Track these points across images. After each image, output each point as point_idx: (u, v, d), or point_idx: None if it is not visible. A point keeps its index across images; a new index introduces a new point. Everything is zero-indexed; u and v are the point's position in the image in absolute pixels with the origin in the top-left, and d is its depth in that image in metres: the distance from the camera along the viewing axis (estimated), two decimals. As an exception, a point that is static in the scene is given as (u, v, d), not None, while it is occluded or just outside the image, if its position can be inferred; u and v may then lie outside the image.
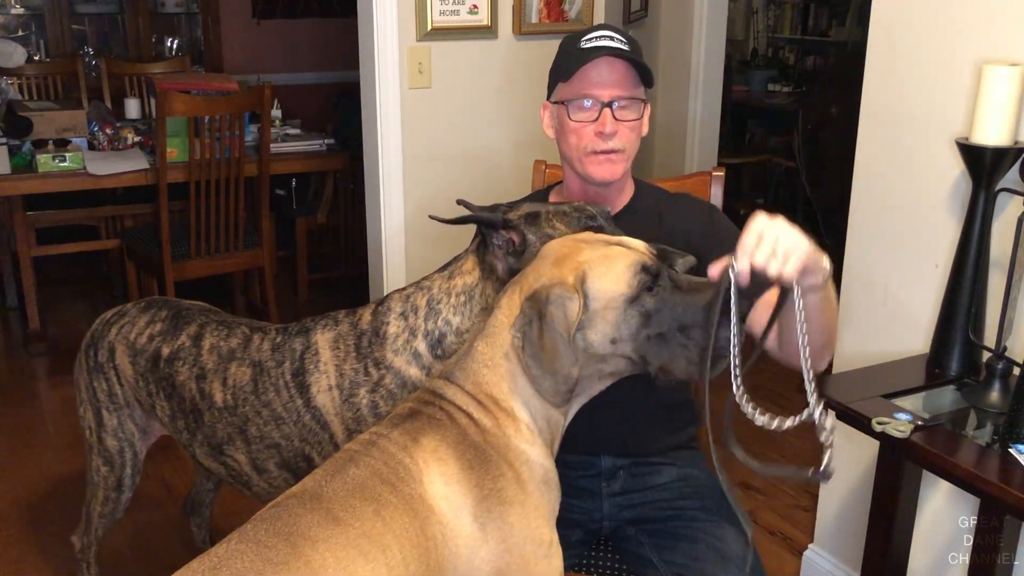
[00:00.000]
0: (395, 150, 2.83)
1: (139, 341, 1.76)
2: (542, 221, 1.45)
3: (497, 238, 1.46)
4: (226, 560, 1.05)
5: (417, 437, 1.20)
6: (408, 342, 1.49)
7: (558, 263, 1.24)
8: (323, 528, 1.09)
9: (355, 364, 1.51)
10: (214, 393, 1.63)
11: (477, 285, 1.48)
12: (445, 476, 1.17)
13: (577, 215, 1.46)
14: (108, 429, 1.86)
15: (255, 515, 1.14)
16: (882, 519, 1.72)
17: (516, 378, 1.24)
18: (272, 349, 1.59)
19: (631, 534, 1.67)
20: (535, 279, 1.25)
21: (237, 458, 1.65)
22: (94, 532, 2.00)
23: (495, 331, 1.26)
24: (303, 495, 1.14)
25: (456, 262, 1.53)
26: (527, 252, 1.43)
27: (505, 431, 1.23)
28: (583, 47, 1.59)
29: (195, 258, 3.67)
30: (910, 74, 1.94)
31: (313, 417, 1.53)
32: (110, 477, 1.90)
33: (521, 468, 1.22)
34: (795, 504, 2.81)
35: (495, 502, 1.18)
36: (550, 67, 1.69)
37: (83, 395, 1.88)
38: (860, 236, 2.12)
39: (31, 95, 4.96)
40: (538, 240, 1.43)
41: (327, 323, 1.57)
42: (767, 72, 6.82)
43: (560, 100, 1.63)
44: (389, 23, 2.71)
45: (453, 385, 1.26)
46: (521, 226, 1.45)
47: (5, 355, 3.99)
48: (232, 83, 4.03)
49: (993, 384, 1.64)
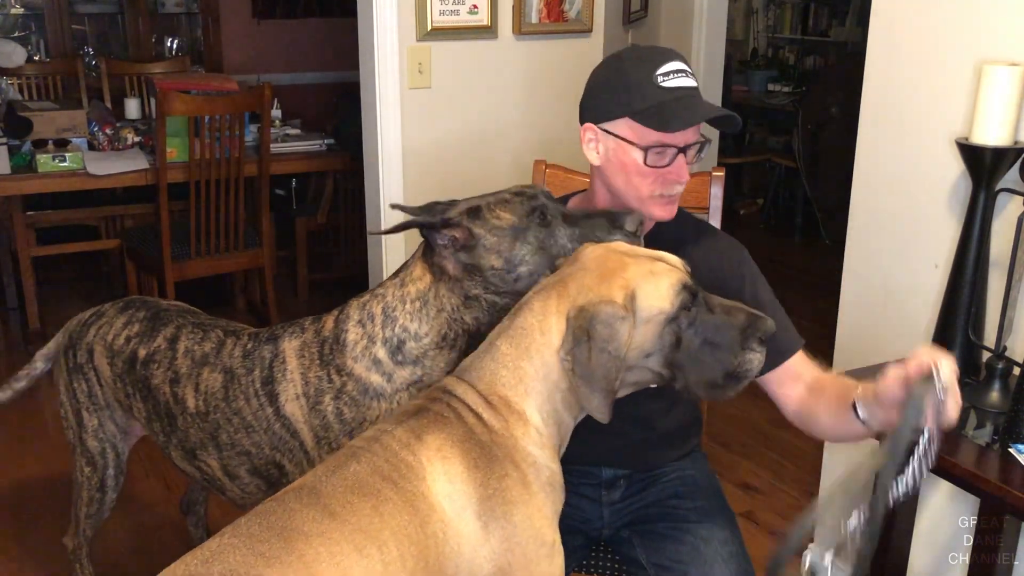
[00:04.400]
0: (395, 150, 2.83)
1: (116, 342, 1.75)
2: (485, 212, 1.43)
3: (440, 238, 1.43)
4: (218, 554, 1.05)
5: (421, 434, 1.20)
6: (367, 348, 1.48)
7: (604, 278, 1.22)
8: (318, 523, 1.08)
9: (319, 372, 1.50)
10: (187, 398, 1.63)
11: (430, 289, 1.47)
12: (449, 474, 1.17)
13: (520, 199, 1.43)
14: (89, 430, 1.86)
15: (252, 510, 1.14)
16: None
17: (534, 382, 1.23)
18: (243, 356, 1.58)
19: (626, 536, 1.67)
20: (578, 292, 1.22)
21: (210, 463, 1.64)
22: (83, 533, 2.00)
23: (521, 333, 1.24)
24: (301, 490, 1.14)
25: (406, 268, 1.51)
26: (477, 247, 1.41)
27: (514, 432, 1.22)
28: (663, 85, 1.45)
29: (195, 258, 3.67)
30: (910, 74, 1.94)
31: (283, 426, 1.53)
32: (93, 478, 1.90)
33: (527, 469, 1.21)
34: (795, 504, 2.81)
35: (499, 501, 1.17)
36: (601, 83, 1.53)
37: (64, 396, 1.87)
38: (860, 236, 2.12)
39: (31, 95, 4.96)
40: (486, 232, 1.41)
41: (294, 331, 1.57)
42: (767, 72, 6.82)
43: (627, 139, 1.48)
44: (389, 23, 2.71)
45: (464, 383, 1.26)
46: (464, 221, 1.42)
47: (5, 355, 4.00)
48: (232, 83, 4.03)
49: (993, 384, 1.64)
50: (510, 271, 1.41)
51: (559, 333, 1.22)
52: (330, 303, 1.61)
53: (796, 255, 5.53)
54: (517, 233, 1.41)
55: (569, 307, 1.22)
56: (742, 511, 2.73)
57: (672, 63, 1.48)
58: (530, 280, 1.41)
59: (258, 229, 3.88)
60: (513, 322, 1.26)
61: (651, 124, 1.45)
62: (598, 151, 1.53)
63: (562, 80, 3.01)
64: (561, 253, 1.40)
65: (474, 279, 1.43)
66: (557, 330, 1.23)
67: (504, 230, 1.41)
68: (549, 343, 1.23)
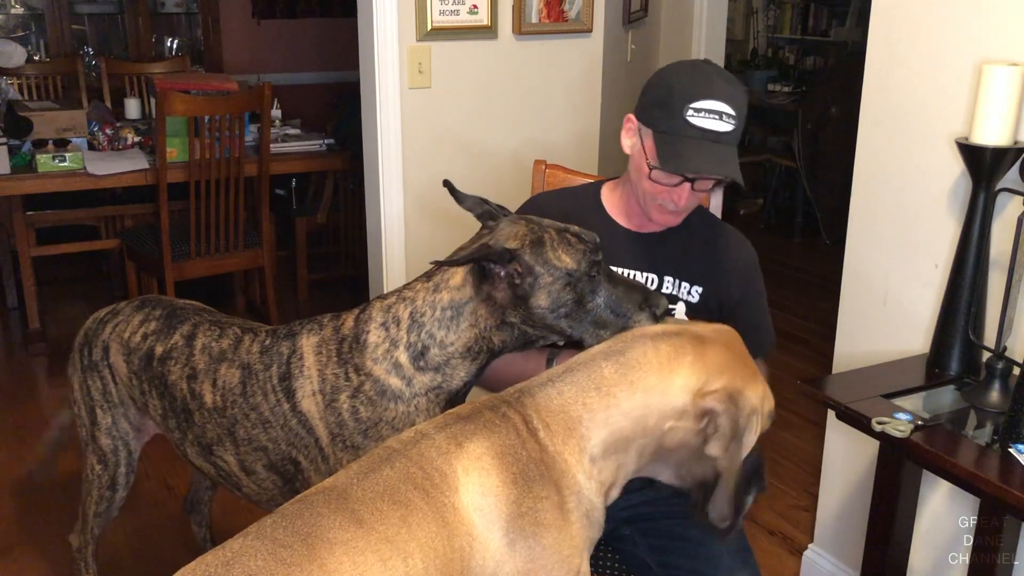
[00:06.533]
0: (395, 150, 2.83)
1: (133, 340, 1.76)
2: (548, 251, 1.43)
3: (501, 269, 1.43)
4: (239, 556, 1.04)
5: (463, 442, 1.16)
6: (389, 352, 1.47)
7: (751, 376, 1.24)
8: (343, 530, 1.06)
9: (336, 369, 1.50)
10: (204, 394, 1.63)
11: (468, 304, 1.45)
12: (484, 487, 1.14)
13: (583, 247, 1.44)
14: (102, 428, 1.86)
15: (278, 508, 1.12)
16: (882, 519, 1.72)
17: (621, 417, 1.20)
18: (261, 352, 1.59)
19: (626, 534, 1.67)
20: (721, 371, 1.21)
21: (226, 459, 1.65)
22: (90, 531, 2.00)
23: (635, 365, 1.21)
24: (330, 492, 1.11)
25: (442, 273, 1.49)
26: (536, 284, 1.42)
27: (566, 456, 1.19)
28: (690, 121, 1.49)
29: (195, 258, 3.67)
30: (910, 74, 1.94)
31: (299, 422, 1.53)
32: (104, 476, 1.90)
33: (569, 496, 1.18)
34: (795, 504, 2.81)
35: (530, 521, 1.14)
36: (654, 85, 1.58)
37: (77, 394, 1.87)
38: (860, 236, 2.12)
39: (31, 95, 4.96)
40: (545, 271, 1.41)
41: (312, 327, 1.57)
42: (767, 72, 6.82)
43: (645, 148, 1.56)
44: (389, 23, 2.71)
45: (533, 399, 1.22)
46: (526, 256, 1.42)
47: (5, 355, 3.99)
48: (232, 83, 4.03)
49: (993, 384, 1.64)
50: (553, 311, 1.43)
51: (683, 392, 1.19)
52: (330, 303, 1.61)
53: (796, 255, 5.53)
54: (571, 280, 1.42)
55: (708, 378, 1.20)
56: (742, 511, 2.73)
57: (711, 102, 1.49)
58: (566, 324, 1.43)
59: (258, 229, 3.88)
60: (626, 351, 1.22)
61: (658, 151, 1.52)
62: (630, 141, 1.61)
63: (562, 80, 3.01)
64: (595, 311, 1.43)
65: (517, 310, 1.44)
66: (681, 388, 1.19)
67: (561, 272, 1.42)
68: (664, 393, 1.19)
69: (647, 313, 1.44)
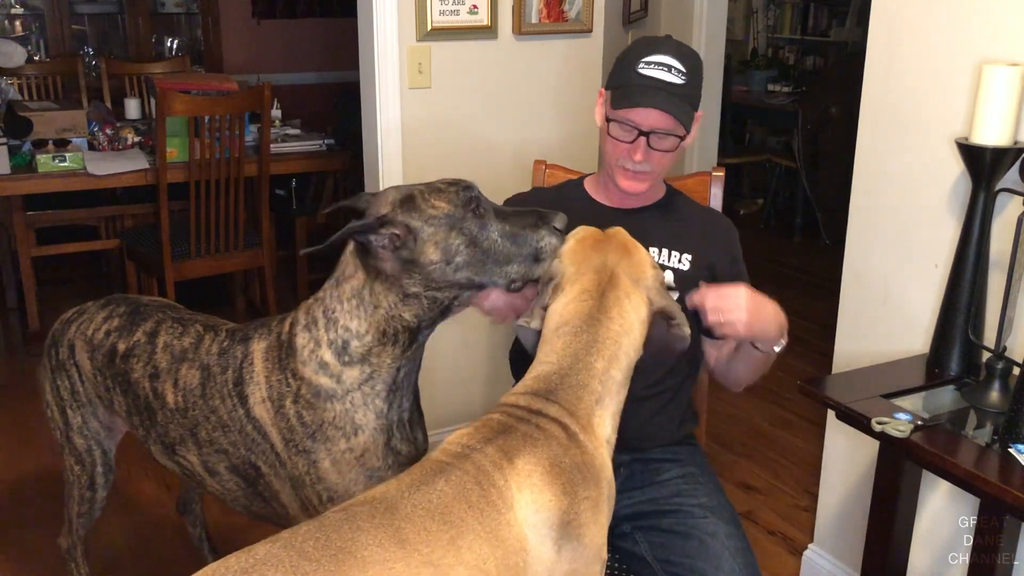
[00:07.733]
0: (395, 150, 2.83)
1: (96, 336, 1.76)
2: (420, 202, 1.39)
3: (378, 239, 1.39)
4: (260, 565, 0.99)
5: (512, 457, 1.14)
6: (314, 352, 1.47)
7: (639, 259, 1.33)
8: (382, 549, 1.01)
9: (279, 375, 1.50)
10: (166, 394, 1.63)
11: (364, 287, 1.44)
12: (537, 503, 1.12)
13: (455, 189, 1.42)
14: (74, 427, 1.86)
15: (322, 515, 1.07)
16: (882, 519, 1.72)
17: (619, 388, 1.24)
18: (219, 354, 1.58)
19: (627, 531, 1.67)
20: (635, 277, 1.31)
21: (189, 459, 1.64)
22: (75, 532, 2.01)
23: (610, 343, 1.24)
24: (378, 503, 1.06)
25: (342, 268, 1.49)
26: (418, 241, 1.38)
27: (600, 450, 1.20)
28: (641, 72, 1.62)
29: (195, 258, 3.67)
30: (910, 74, 1.94)
31: (254, 427, 1.52)
32: (83, 476, 1.91)
33: (604, 487, 1.19)
34: (795, 504, 2.81)
35: (575, 525, 1.14)
36: (617, 56, 1.73)
37: (48, 396, 1.88)
38: (860, 236, 2.12)
39: (31, 95, 4.96)
40: (423, 223, 1.38)
41: (263, 332, 1.56)
42: (767, 72, 6.81)
43: (602, 106, 1.72)
44: (389, 23, 2.70)
45: (555, 404, 1.21)
46: (399, 216, 1.38)
47: (5, 355, 3.99)
48: (232, 83, 4.03)
49: (993, 384, 1.64)
50: (448, 262, 1.39)
51: (641, 325, 1.27)
52: (330, 303, 1.60)
53: (796, 255, 5.53)
54: (453, 222, 1.39)
55: (634, 295, 1.28)
56: (742, 511, 2.73)
57: (660, 56, 1.63)
58: (467, 271, 1.40)
59: (258, 229, 3.88)
60: (596, 335, 1.24)
61: (612, 98, 1.66)
62: (599, 113, 1.74)
63: (562, 80, 3.01)
64: (492, 248, 1.40)
65: (413, 276, 1.40)
66: (639, 325, 1.27)
67: (440, 219, 1.38)
68: (634, 342, 1.25)
69: (547, 229, 1.42)
